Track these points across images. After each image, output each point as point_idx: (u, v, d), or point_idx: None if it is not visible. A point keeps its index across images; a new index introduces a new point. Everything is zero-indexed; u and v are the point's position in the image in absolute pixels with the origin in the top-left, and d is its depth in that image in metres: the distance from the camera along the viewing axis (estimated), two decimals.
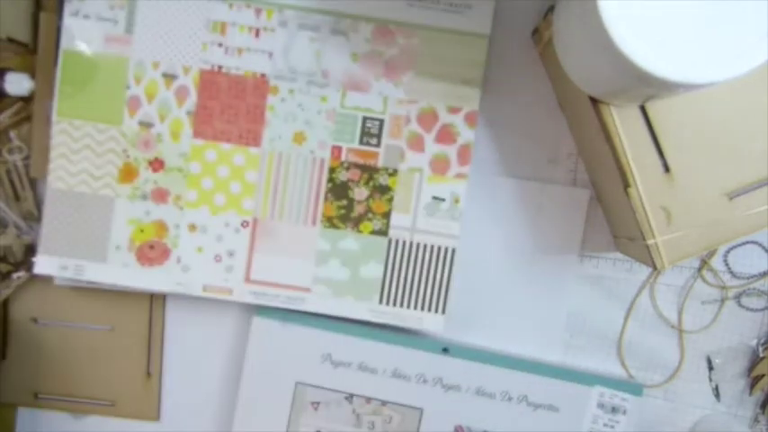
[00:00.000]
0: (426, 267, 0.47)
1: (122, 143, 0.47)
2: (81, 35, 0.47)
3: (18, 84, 0.48)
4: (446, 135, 0.47)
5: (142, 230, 0.48)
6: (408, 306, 0.48)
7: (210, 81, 0.47)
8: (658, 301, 0.50)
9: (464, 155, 0.47)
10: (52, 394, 0.53)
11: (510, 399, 0.46)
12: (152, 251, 0.48)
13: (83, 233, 0.48)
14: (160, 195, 0.48)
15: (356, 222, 0.47)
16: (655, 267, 0.39)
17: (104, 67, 0.47)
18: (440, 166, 0.47)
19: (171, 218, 0.48)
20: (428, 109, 0.47)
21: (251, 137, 0.47)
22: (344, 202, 0.47)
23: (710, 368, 0.50)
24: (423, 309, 0.48)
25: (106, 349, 0.52)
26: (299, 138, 0.47)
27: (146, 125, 0.47)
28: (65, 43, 0.47)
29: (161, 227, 0.48)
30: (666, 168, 0.38)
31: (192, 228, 0.48)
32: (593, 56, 0.32)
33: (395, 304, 0.48)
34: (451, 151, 0.47)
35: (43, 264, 0.49)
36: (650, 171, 0.38)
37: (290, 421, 0.48)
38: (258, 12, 0.46)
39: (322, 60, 0.46)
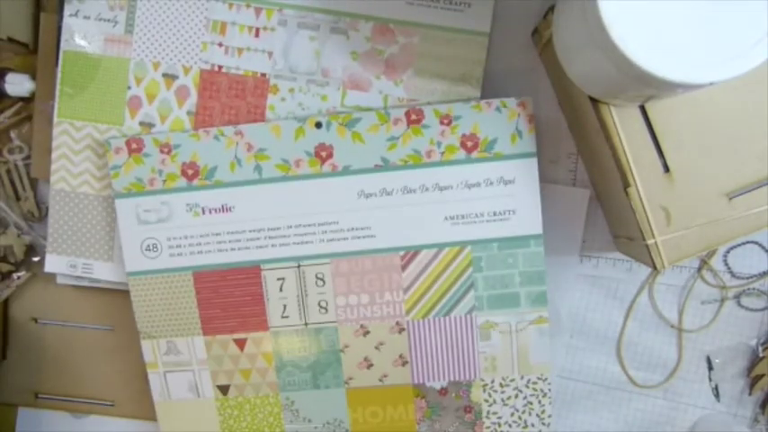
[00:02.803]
0: None
1: None
2: (81, 36, 0.47)
3: (19, 84, 0.48)
4: None
5: None
6: None
7: (210, 81, 0.47)
8: (658, 301, 0.50)
9: None
10: (52, 394, 0.53)
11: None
12: None
13: (88, 233, 0.49)
14: None
15: None
16: (654, 267, 0.39)
17: (105, 67, 0.47)
18: None
19: None
20: None
21: None
22: None
23: (710, 368, 0.50)
24: None
25: (106, 349, 0.52)
26: None
27: (147, 125, 0.47)
28: (65, 44, 0.47)
29: None
30: (666, 168, 0.38)
31: None
32: (593, 56, 0.32)
33: None
34: None
35: (52, 263, 0.49)
36: (650, 171, 0.38)
37: None
38: (258, 11, 0.46)
39: (322, 59, 0.47)
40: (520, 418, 0.48)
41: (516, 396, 0.47)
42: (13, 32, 0.47)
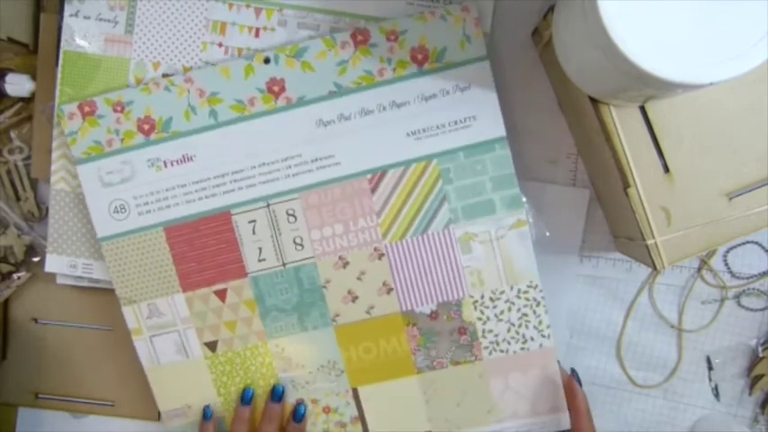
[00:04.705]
0: None
1: None
2: (81, 36, 0.47)
3: (19, 85, 0.48)
4: None
5: None
6: None
7: None
8: (658, 302, 0.50)
9: None
10: (52, 394, 0.53)
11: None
12: None
13: (88, 233, 0.49)
14: None
15: None
16: (654, 267, 0.39)
17: (105, 67, 0.47)
18: None
19: None
20: None
21: None
22: None
23: (710, 368, 0.50)
24: None
25: (106, 349, 0.52)
26: None
27: None
28: (65, 44, 0.47)
29: None
30: (666, 168, 0.38)
31: None
32: (593, 56, 0.32)
33: None
34: None
35: (52, 263, 0.49)
36: (650, 171, 0.38)
37: None
38: (258, 12, 0.46)
39: None
40: (517, 332, 0.46)
41: (509, 309, 0.46)
42: (14, 32, 0.47)
